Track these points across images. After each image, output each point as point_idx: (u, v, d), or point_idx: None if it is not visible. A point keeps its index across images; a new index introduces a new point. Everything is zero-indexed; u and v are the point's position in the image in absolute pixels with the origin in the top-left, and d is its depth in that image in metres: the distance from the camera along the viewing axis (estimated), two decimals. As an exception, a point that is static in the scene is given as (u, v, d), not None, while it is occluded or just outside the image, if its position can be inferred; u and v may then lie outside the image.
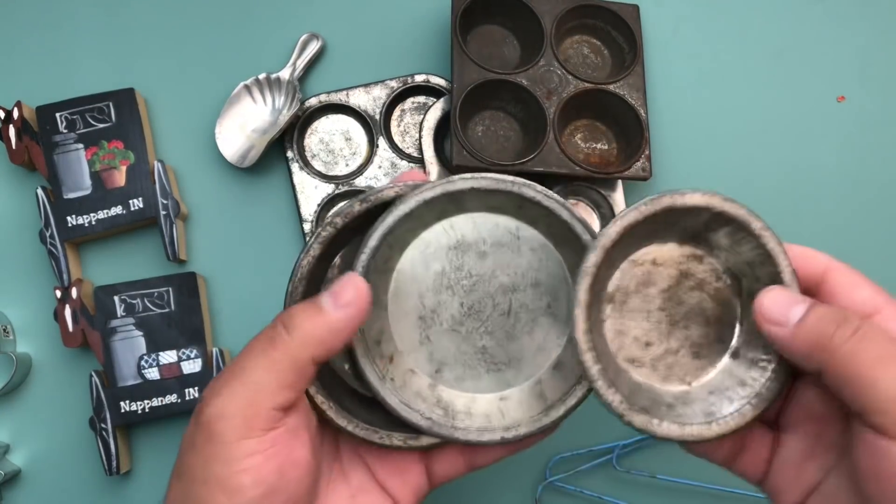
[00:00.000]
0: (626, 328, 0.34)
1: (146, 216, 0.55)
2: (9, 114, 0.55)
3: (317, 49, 0.58)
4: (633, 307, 0.34)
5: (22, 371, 0.54)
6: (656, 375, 0.34)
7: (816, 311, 0.30)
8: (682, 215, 0.32)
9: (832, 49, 0.61)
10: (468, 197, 0.35)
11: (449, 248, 0.36)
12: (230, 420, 0.30)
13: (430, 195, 0.34)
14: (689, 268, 0.34)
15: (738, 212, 0.32)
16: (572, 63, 0.58)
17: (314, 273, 0.36)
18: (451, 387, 0.36)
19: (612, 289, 0.33)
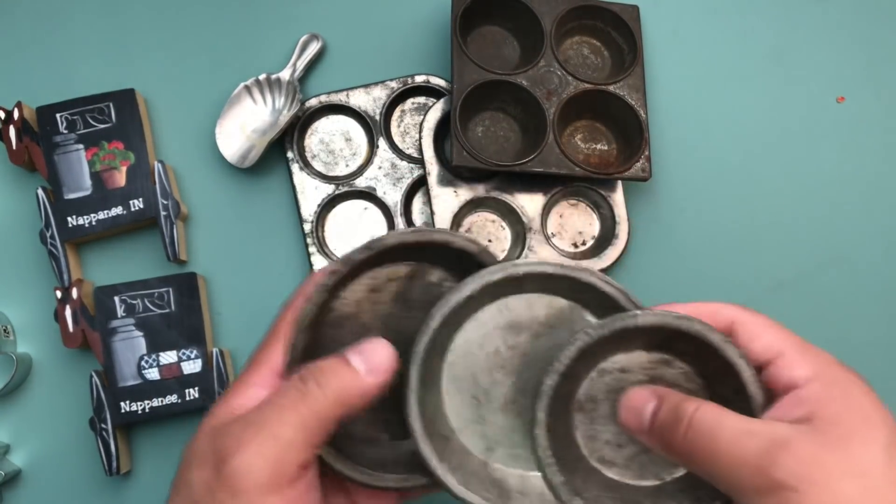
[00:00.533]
0: (597, 433, 0.35)
1: (146, 216, 0.55)
2: (9, 114, 0.55)
3: (317, 50, 0.58)
4: (602, 413, 0.35)
5: (22, 371, 0.54)
6: (630, 473, 0.35)
7: (660, 411, 0.32)
8: (640, 332, 0.33)
9: (832, 49, 0.61)
10: (527, 279, 0.35)
11: (504, 328, 0.36)
12: (257, 476, 0.30)
13: (494, 279, 0.34)
14: (659, 373, 0.35)
15: (693, 328, 0.32)
16: (572, 64, 0.58)
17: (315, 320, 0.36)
18: (503, 465, 0.36)
19: (582, 398, 0.35)
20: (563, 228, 0.57)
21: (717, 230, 0.59)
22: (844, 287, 0.58)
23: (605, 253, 0.56)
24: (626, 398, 0.34)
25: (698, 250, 0.58)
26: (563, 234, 0.57)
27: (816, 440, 0.29)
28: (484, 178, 0.56)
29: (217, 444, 0.31)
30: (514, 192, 0.56)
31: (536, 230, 0.56)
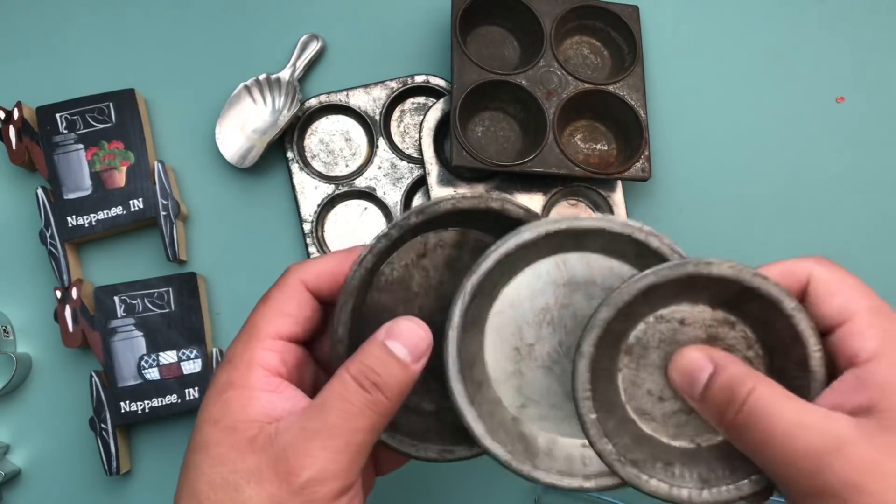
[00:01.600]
0: (640, 380, 0.33)
1: (146, 216, 0.55)
2: (9, 114, 0.55)
3: (317, 50, 0.58)
4: (651, 361, 0.33)
5: (22, 371, 0.54)
6: (665, 431, 0.33)
7: (714, 383, 0.30)
8: (711, 283, 0.31)
9: (831, 50, 0.61)
10: (591, 236, 0.33)
11: (558, 284, 0.34)
12: (331, 484, 0.29)
13: (555, 228, 0.32)
14: (718, 332, 0.33)
15: (770, 289, 0.31)
16: (572, 64, 0.58)
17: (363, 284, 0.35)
18: (534, 423, 0.35)
19: (633, 341, 0.33)
20: (562, 228, 0.57)
21: (717, 230, 0.59)
22: (844, 287, 0.58)
23: (605, 253, 0.56)
24: (680, 356, 0.32)
25: (698, 250, 0.58)
26: (562, 234, 0.57)
27: (875, 442, 0.27)
28: (484, 178, 0.56)
29: (279, 457, 0.29)
30: (513, 192, 0.56)
31: (536, 230, 0.56)
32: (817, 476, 0.27)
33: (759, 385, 0.29)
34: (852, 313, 0.30)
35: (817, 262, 0.32)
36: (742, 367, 0.30)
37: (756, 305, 0.31)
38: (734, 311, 0.33)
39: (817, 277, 0.31)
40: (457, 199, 0.34)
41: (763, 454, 0.29)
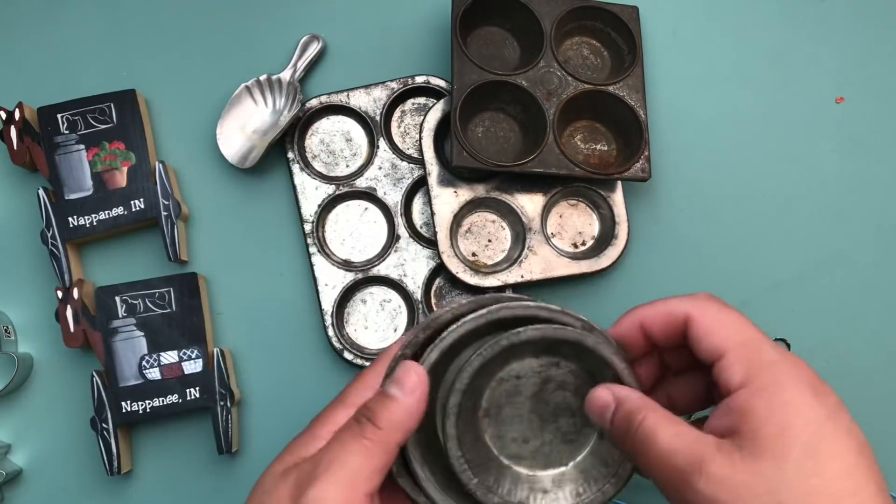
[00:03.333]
0: (503, 433, 0.39)
1: (147, 217, 0.55)
2: (10, 115, 0.55)
3: (317, 50, 0.58)
4: (506, 415, 0.38)
5: (23, 371, 0.54)
6: (538, 464, 0.39)
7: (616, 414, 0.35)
8: (528, 345, 0.37)
9: (831, 50, 0.61)
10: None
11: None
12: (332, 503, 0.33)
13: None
14: (549, 374, 0.38)
15: (570, 336, 0.36)
16: (572, 64, 0.58)
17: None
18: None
19: (486, 405, 0.38)
20: (562, 229, 0.58)
21: (717, 230, 0.59)
22: (843, 287, 0.58)
23: (605, 253, 0.56)
24: (591, 396, 0.37)
25: (698, 250, 0.58)
26: (562, 234, 0.57)
27: (730, 460, 0.31)
28: (484, 179, 0.56)
29: (291, 482, 0.35)
30: (514, 193, 0.56)
31: (536, 230, 0.56)
32: (685, 492, 0.31)
33: (649, 413, 0.34)
34: (725, 350, 0.33)
35: (695, 302, 0.36)
36: (639, 399, 0.35)
37: (567, 348, 0.37)
38: (553, 353, 0.38)
39: (695, 319, 0.35)
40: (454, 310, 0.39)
41: (650, 473, 0.34)
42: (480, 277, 0.54)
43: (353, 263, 0.56)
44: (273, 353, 0.56)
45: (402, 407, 0.36)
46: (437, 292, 0.57)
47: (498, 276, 0.55)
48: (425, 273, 0.56)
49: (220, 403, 0.53)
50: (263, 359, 0.56)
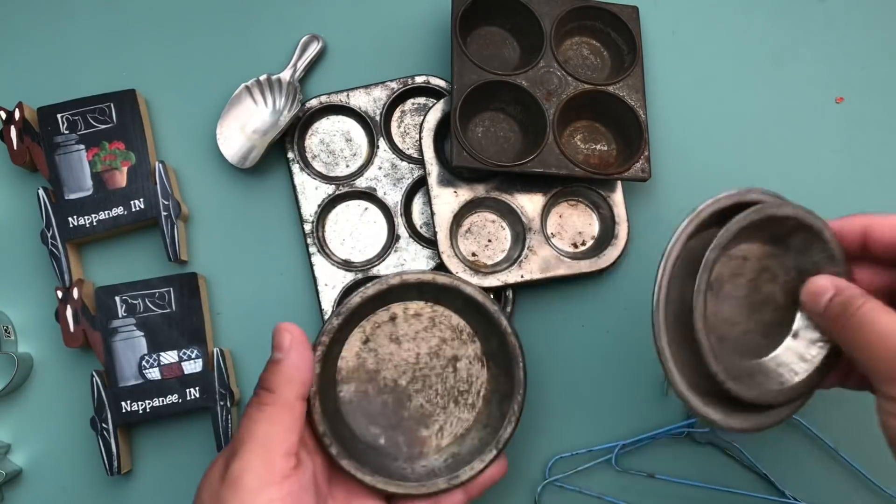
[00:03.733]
0: (719, 310, 0.42)
1: (147, 217, 0.55)
2: (10, 115, 0.55)
3: (317, 50, 0.58)
4: (725, 293, 0.42)
5: (23, 371, 0.54)
6: (737, 351, 0.42)
7: (835, 299, 0.39)
8: (774, 222, 0.41)
9: (831, 50, 0.61)
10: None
11: None
12: (253, 471, 0.37)
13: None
14: (768, 264, 0.42)
15: (815, 222, 0.41)
16: (572, 64, 0.58)
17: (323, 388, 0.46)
18: None
19: (713, 278, 0.41)
20: (562, 229, 0.58)
21: (717, 230, 0.59)
22: (844, 287, 0.58)
23: (605, 253, 0.56)
24: (811, 283, 0.40)
25: (698, 250, 0.58)
26: (562, 234, 0.57)
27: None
28: (484, 179, 0.56)
29: (220, 462, 0.39)
30: (513, 193, 0.56)
31: (536, 230, 0.56)
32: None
33: (868, 301, 0.37)
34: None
35: (872, 215, 0.41)
36: (856, 290, 0.38)
37: (800, 238, 0.41)
38: (779, 245, 0.42)
39: (874, 221, 0.40)
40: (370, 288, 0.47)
41: (863, 350, 0.37)
42: (480, 277, 0.54)
43: (353, 263, 0.56)
44: (273, 353, 0.56)
45: (285, 366, 0.40)
46: (437, 292, 0.57)
47: (498, 275, 0.55)
48: (425, 273, 0.56)
49: (220, 403, 0.53)
50: (263, 359, 0.55)
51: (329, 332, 0.45)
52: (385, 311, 0.48)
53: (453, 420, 0.49)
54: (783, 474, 0.55)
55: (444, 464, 0.47)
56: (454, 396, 0.49)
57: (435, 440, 0.48)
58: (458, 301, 0.48)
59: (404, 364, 0.48)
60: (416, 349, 0.48)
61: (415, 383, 0.48)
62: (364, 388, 0.48)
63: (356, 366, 0.48)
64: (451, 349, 0.49)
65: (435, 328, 0.49)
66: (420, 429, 0.48)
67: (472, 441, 0.48)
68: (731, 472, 0.55)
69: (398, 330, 0.48)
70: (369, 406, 0.48)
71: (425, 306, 0.49)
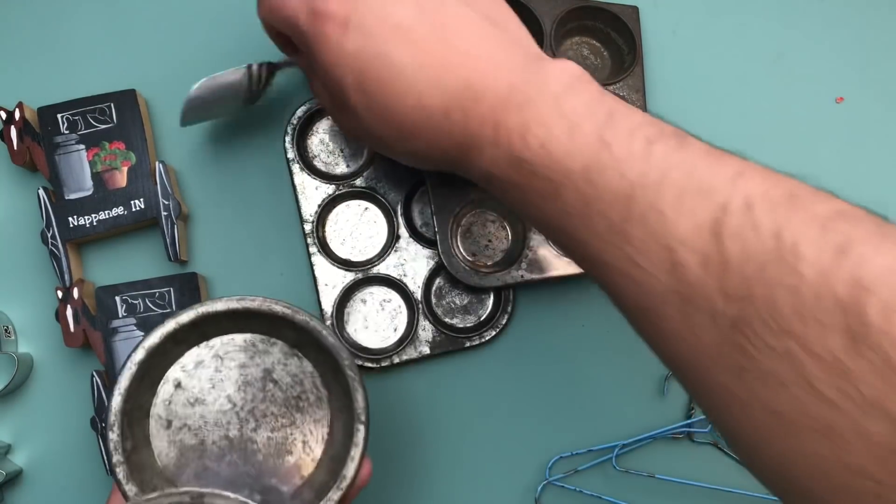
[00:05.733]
0: None
1: (147, 217, 0.55)
2: (10, 115, 0.55)
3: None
4: None
5: (23, 371, 0.54)
6: None
7: None
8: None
9: (831, 50, 0.61)
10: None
11: None
12: None
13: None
14: None
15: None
16: (572, 64, 0.58)
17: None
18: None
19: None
20: (563, 228, 0.57)
21: (717, 230, 0.59)
22: (844, 287, 0.58)
23: (605, 253, 0.56)
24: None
25: (698, 250, 0.58)
26: (563, 234, 0.57)
27: None
28: (484, 179, 0.56)
29: None
30: (514, 193, 0.56)
31: (537, 230, 0.56)
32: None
33: None
34: None
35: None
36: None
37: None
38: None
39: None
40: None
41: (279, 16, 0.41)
42: (480, 277, 0.54)
43: (353, 263, 0.56)
44: (273, 353, 0.56)
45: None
46: (437, 292, 0.57)
47: (498, 276, 0.55)
48: (425, 273, 0.56)
49: (220, 403, 0.53)
50: (263, 359, 0.56)
51: (116, 449, 0.40)
52: (161, 385, 0.43)
53: (310, 427, 0.44)
54: (783, 474, 0.55)
55: (329, 472, 0.42)
56: (294, 405, 0.44)
57: (307, 457, 0.43)
58: (222, 322, 0.43)
59: (222, 415, 0.43)
60: (223, 393, 0.43)
61: (247, 424, 0.43)
62: (203, 465, 0.42)
63: (178, 454, 0.42)
64: (257, 367, 0.44)
65: (226, 360, 0.44)
66: (285, 458, 0.43)
67: (339, 432, 0.43)
68: (731, 472, 0.55)
69: (189, 391, 0.43)
70: (220, 479, 0.42)
71: (199, 350, 0.44)
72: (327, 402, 0.44)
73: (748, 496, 0.55)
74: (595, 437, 0.55)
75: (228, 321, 0.43)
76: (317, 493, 0.41)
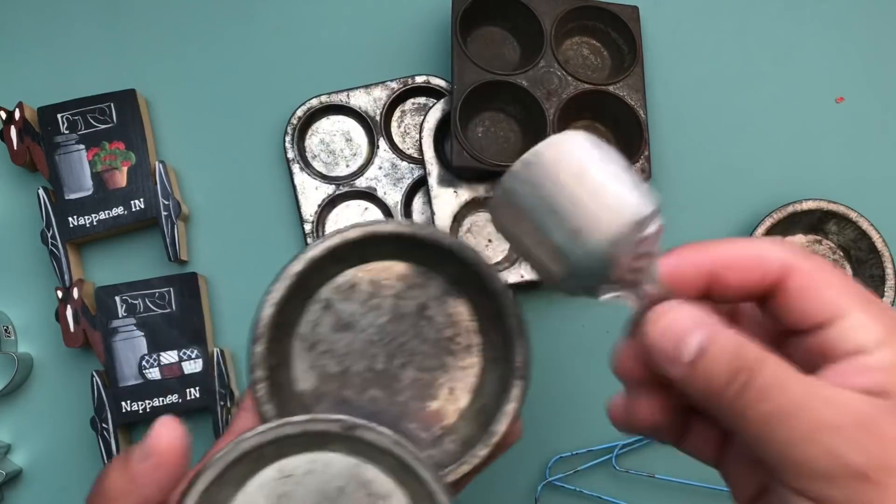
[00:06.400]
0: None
1: (147, 217, 0.55)
2: (10, 115, 0.55)
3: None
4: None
5: (23, 371, 0.54)
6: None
7: (714, 348, 0.26)
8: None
9: (831, 50, 0.61)
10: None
11: None
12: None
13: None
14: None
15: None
16: (572, 64, 0.58)
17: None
18: None
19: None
20: (563, 228, 0.57)
21: (717, 230, 0.59)
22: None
23: (605, 253, 0.56)
24: (661, 315, 0.27)
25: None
26: (563, 234, 0.57)
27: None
28: (484, 179, 0.56)
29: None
30: (514, 193, 0.56)
31: (536, 230, 0.56)
32: (838, 455, 0.23)
33: (768, 357, 0.25)
34: (848, 307, 0.26)
35: (793, 251, 0.28)
36: (740, 337, 0.26)
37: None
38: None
39: (799, 269, 0.27)
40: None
41: (771, 431, 0.24)
42: (480, 277, 0.54)
43: (353, 263, 0.56)
44: (273, 353, 0.56)
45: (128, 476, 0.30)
46: (437, 292, 0.57)
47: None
48: (425, 273, 0.56)
49: (220, 403, 0.53)
50: (263, 359, 0.56)
51: (259, 363, 0.37)
52: (314, 303, 0.39)
53: (458, 373, 0.39)
54: (783, 474, 0.55)
55: (476, 424, 0.38)
56: (445, 347, 0.40)
57: (451, 406, 0.39)
58: (388, 246, 0.39)
59: (370, 346, 0.39)
60: (374, 322, 0.39)
61: (394, 359, 0.39)
62: (341, 396, 0.39)
63: (318, 380, 0.39)
64: (412, 300, 0.40)
65: (381, 288, 0.40)
66: (427, 403, 0.39)
67: (492, 384, 0.39)
68: (731, 472, 0.55)
69: (340, 314, 0.39)
70: (359, 412, 0.39)
71: (356, 272, 0.39)
72: (480, 349, 0.39)
73: (748, 496, 0.55)
74: (595, 437, 0.55)
75: (391, 246, 0.38)
76: (461, 444, 0.38)
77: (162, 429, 0.30)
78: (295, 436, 0.32)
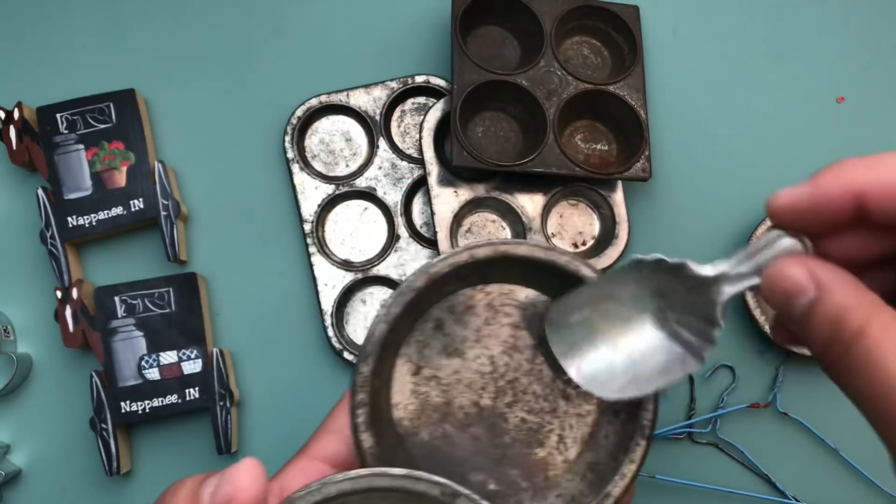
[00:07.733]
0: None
1: (147, 217, 0.55)
2: (9, 114, 0.55)
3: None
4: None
5: (22, 371, 0.54)
6: None
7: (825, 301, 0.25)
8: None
9: (832, 50, 0.61)
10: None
11: None
12: None
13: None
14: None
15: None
16: (572, 64, 0.58)
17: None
18: None
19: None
20: (563, 228, 0.57)
21: (717, 230, 0.59)
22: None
23: (605, 253, 0.56)
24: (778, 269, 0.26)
25: (698, 250, 0.58)
26: (563, 234, 0.57)
27: None
28: (484, 178, 0.56)
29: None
30: (514, 192, 0.56)
31: (536, 230, 0.56)
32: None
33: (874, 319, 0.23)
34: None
35: None
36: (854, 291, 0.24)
37: None
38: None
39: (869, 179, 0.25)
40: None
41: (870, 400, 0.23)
42: (480, 277, 0.54)
43: (353, 263, 0.56)
44: (273, 354, 0.56)
45: None
46: (437, 292, 0.57)
47: (498, 276, 0.55)
48: (425, 273, 0.56)
49: (220, 404, 0.53)
50: (263, 359, 0.56)
51: (364, 385, 0.32)
52: (425, 322, 0.35)
53: (571, 421, 0.35)
54: (783, 474, 0.55)
55: (585, 482, 0.34)
56: (560, 390, 0.35)
57: (559, 456, 0.35)
58: (515, 269, 0.35)
59: (479, 378, 0.35)
60: (486, 352, 0.35)
61: (503, 396, 0.35)
62: (440, 430, 0.35)
63: (418, 407, 0.35)
64: (531, 331, 0.36)
65: (499, 315, 0.35)
66: (534, 450, 0.35)
67: (608, 438, 0.35)
68: (731, 472, 0.55)
69: (451, 338, 0.35)
70: (457, 450, 0.35)
71: (474, 293, 0.35)
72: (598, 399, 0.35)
73: (748, 496, 0.55)
74: (595, 437, 0.55)
75: (516, 269, 0.35)
76: (566, 502, 0.34)
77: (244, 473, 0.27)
78: (387, 489, 0.29)
